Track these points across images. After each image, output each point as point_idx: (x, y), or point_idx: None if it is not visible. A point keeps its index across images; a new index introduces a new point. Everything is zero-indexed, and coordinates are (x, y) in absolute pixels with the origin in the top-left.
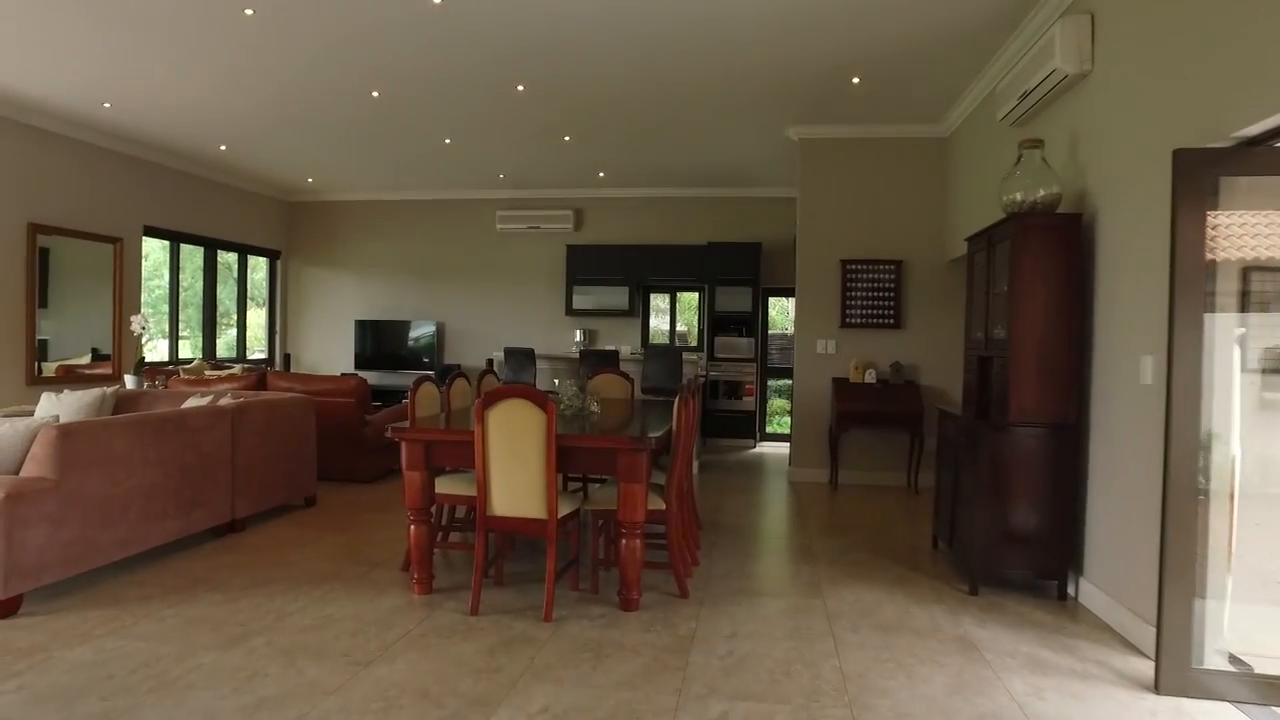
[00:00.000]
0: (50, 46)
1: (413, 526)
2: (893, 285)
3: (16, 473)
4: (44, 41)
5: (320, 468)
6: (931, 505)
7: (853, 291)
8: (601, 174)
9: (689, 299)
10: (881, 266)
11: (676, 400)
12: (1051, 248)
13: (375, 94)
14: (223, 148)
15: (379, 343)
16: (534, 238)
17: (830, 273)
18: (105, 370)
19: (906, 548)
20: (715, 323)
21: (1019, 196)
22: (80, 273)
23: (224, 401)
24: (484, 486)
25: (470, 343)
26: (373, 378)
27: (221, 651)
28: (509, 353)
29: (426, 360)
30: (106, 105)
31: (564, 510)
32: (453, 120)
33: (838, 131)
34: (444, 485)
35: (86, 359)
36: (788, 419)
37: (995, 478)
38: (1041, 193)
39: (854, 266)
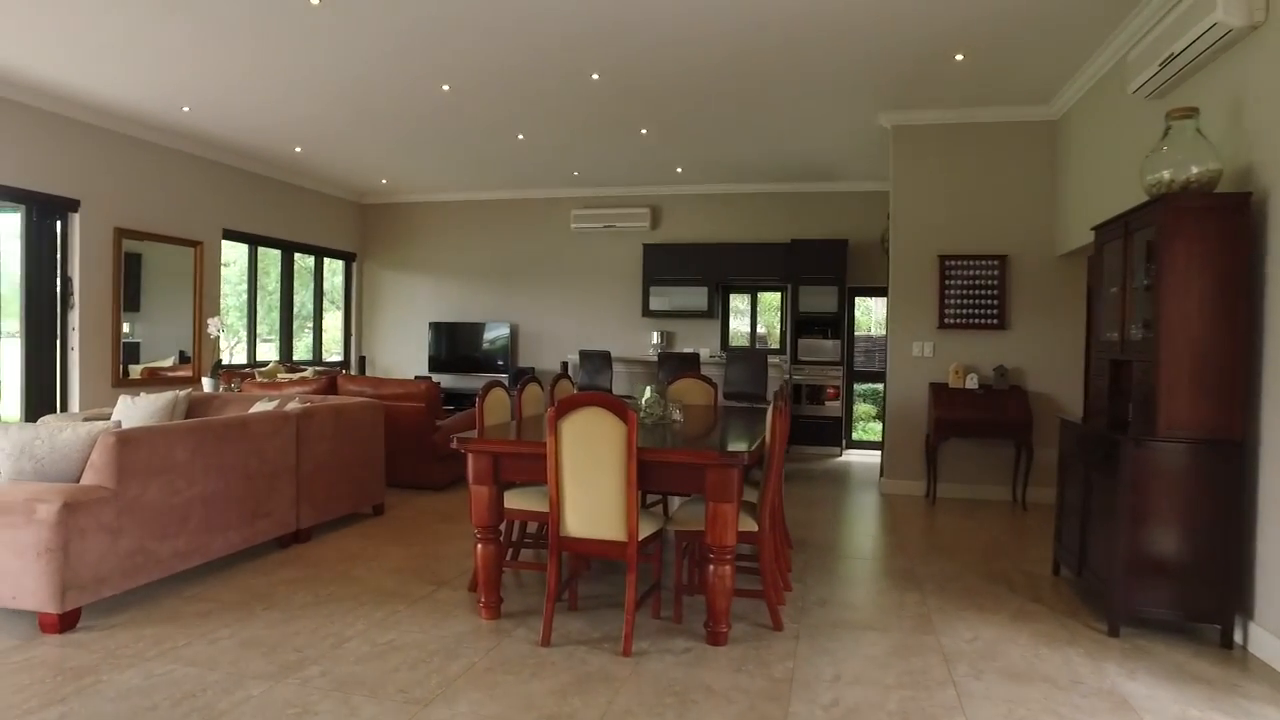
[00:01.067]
0: (131, 50)
1: (480, 546)
2: (996, 282)
3: (78, 481)
4: (125, 46)
5: (390, 474)
6: (1051, 526)
7: (952, 290)
8: (679, 169)
9: (770, 299)
10: (983, 262)
11: (770, 409)
12: (1210, 233)
13: (446, 87)
14: (298, 149)
15: (453, 345)
16: (609, 237)
17: (927, 269)
18: (187, 373)
19: (1023, 574)
20: (798, 324)
21: (1167, 176)
22: (170, 277)
23: (290, 406)
24: (557, 504)
25: (544, 345)
26: (446, 381)
27: (272, 682)
28: (584, 356)
29: (500, 363)
30: (186, 109)
31: (645, 532)
32: (526, 114)
33: (935, 116)
34: (514, 500)
35: (170, 361)
36: (873, 425)
37: (1138, 499)
38: (1195, 170)
39: (953, 263)
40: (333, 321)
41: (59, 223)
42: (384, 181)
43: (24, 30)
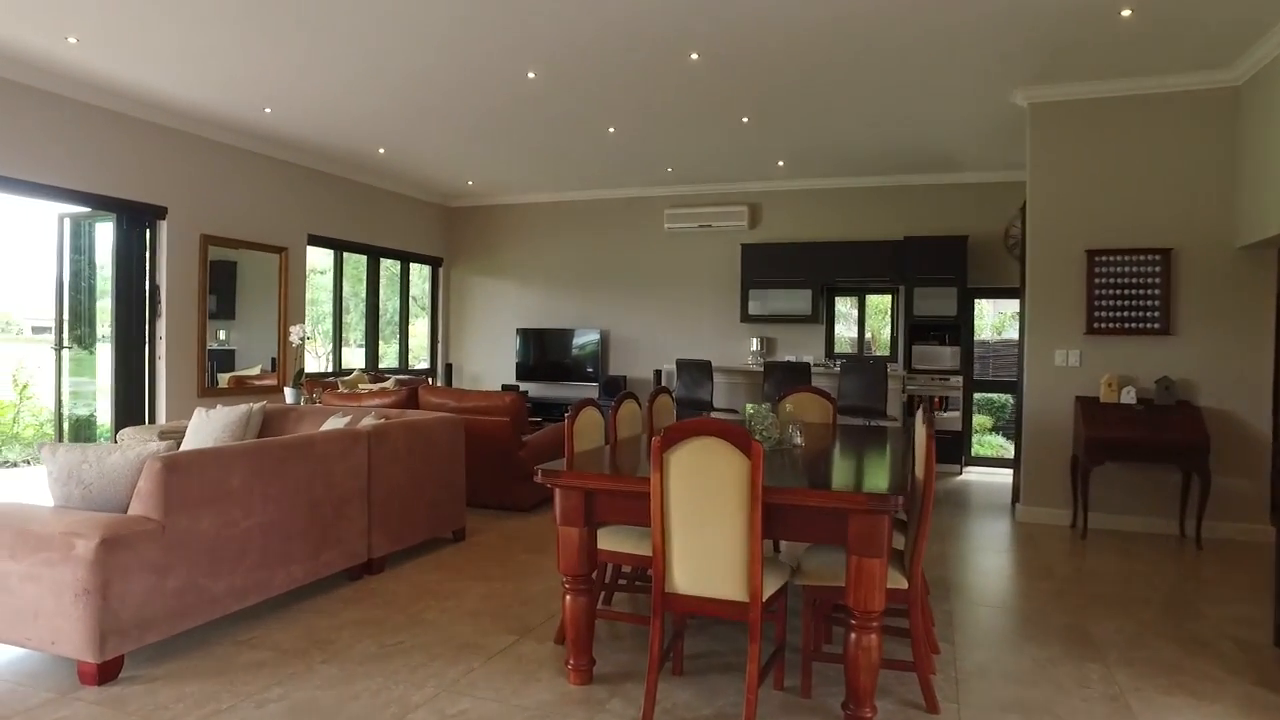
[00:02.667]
0: (211, 51)
1: (569, 598)
2: (1158, 280)
3: (128, 510)
4: (205, 47)
5: (471, 494)
6: (1245, 573)
7: (1102, 289)
8: (781, 163)
9: (878, 302)
10: (1142, 257)
11: (920, 432)
12: None
13: (531, 75)
14: (381, 150)
15: (541, 352)
16: (705, 237)
17: (1071, 267)
18: (272, 381)
19: (1232, 641)
20: (912, 329)
21: None
22: (265, 283)
23: (364, 423)
24: (662, 554)
25: (636, 352)
26: (534, 389)
27: None
28: (682, 365)
29: (590, 370)
30: (267, 110)
31: (770, 589)
32: (617, 104)
33: (1085, 89)
34: (610, 540)
35: (258, 370)
36: (989, 438)
37: None
38: None
39: (1104, 259)
40: (419, 328)
41: (147, 231)
42: (470, 183)
43: (111, 39)
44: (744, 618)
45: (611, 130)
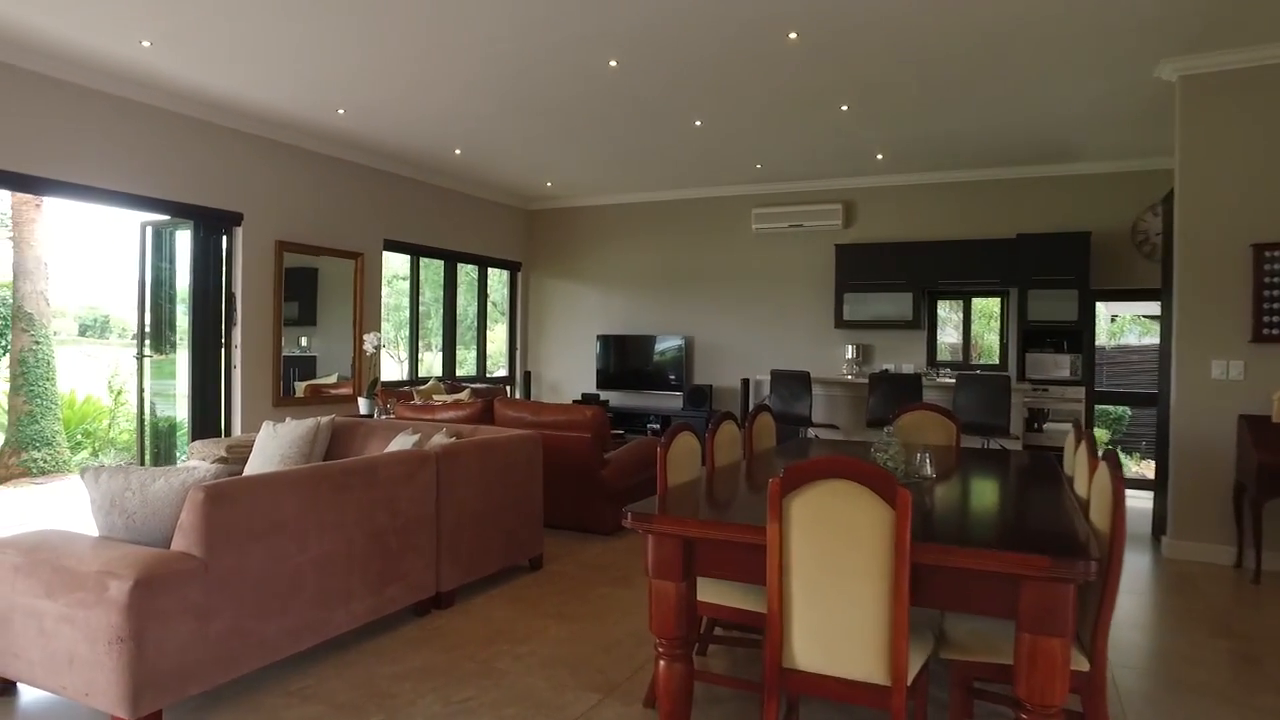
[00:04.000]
0: (283, 51)
1: (662, 664)
2: None
3: (171, 542)
4: (277, 47)
5: (549, 515)
6: None
7: (1275, 290)
8: (880, 156)
9: (985, 306)
10: None
11: (1101, 473)
12: None
13: (613, 63)
14: (457, 151)
15: (621, 359)
16: (796, 238)
17: (1232, 264)
18: (347, 390)
19: None
20: (1026, 335)
21: None
22: (345, 289)
23: (432, 443)
24: (779, 621)
25: (722, 360)
26: (615, 398)
27: None
28: (777, 377)
29: (673, 378)
30: (341, 111)
31: (914, 667)
32: (704, 93)
33: (1247, 57)
34: (710, 588)
35: (333, 379)
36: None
37: None
38: None
39: (1278, 254)
40: (497, 334)
41: (223, 237)
42: (549, 185)
43: (184, 41)
44: (883, 705)
45: (698, 124)
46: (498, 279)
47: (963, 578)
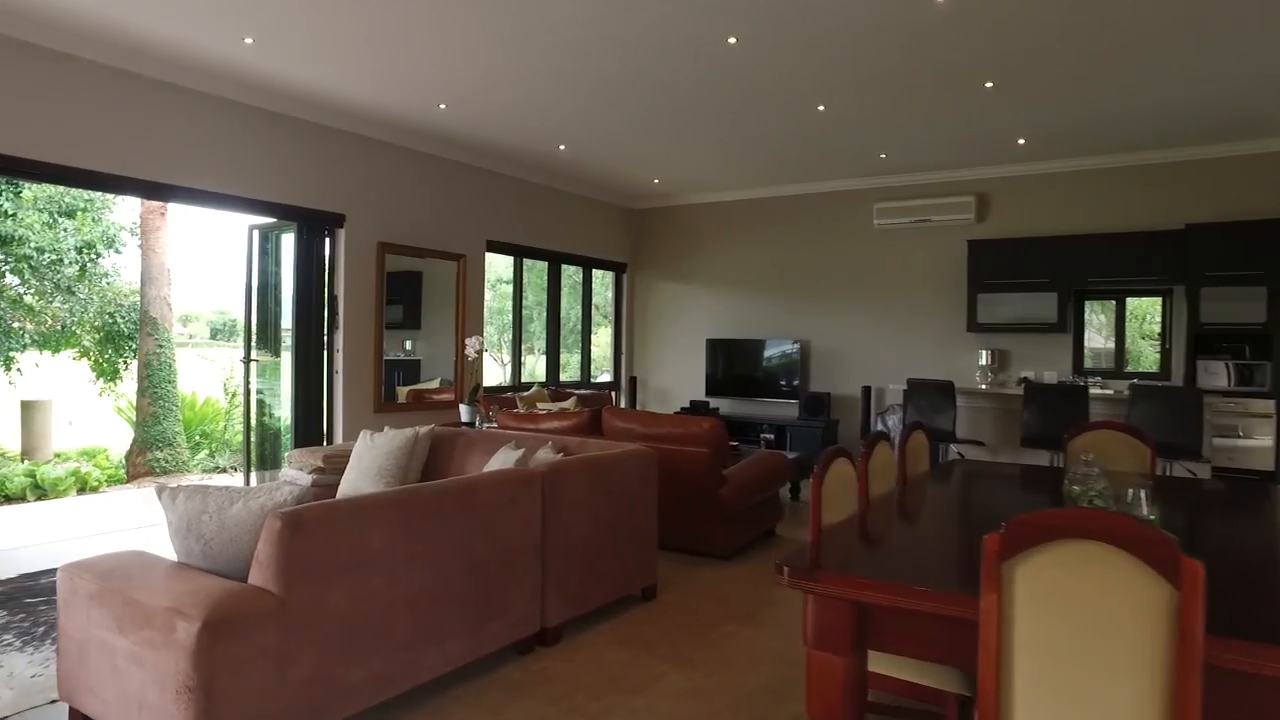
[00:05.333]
0: (383, 45)
1: None
2: None
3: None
4: (377, 40)
5: (661, 535)
6: None
7: None
8: (1021, 141)
9: (1143, 306)
10: None
11: None
12: None
13: (732, 40)
14: (562, 147)
15: (732, 365)
16: (922, 234)
17: None
18: (449, 396)
19: None
20: (1197, 340)
21: None
22: (448, 293)
23: (539, 457)
24: None
25: (840, 366)
26: (725, 405)
27: None
28: (916, 387)
29: (784, 384)
30: (442, 106)
31: None
32: (831, 73)
33: None
34: (882, 660)
35: (435, 384)
36: None
37: None
38: None
39: None
40: (601, 338)
41: (326, 239)
42: (656, 182)
43: (286, 37)
44: None
45: (821, 109)
46: (602, 281)
47: (1266, 686)
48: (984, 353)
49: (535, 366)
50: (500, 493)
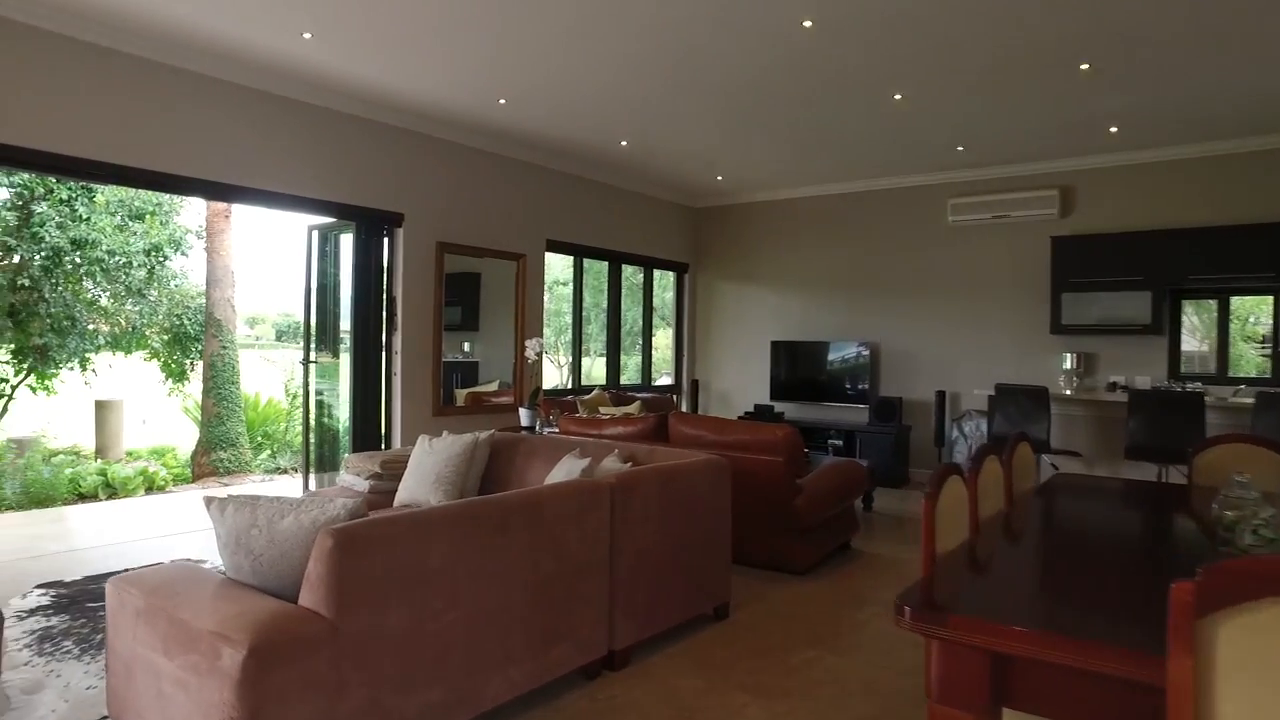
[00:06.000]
0: (443, 38)
1: None
2: None
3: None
4: (437, 34)
5: (732, 550)
6: None
7: None
8: (1113, 129)
9: (1247, 306)
10: None
11: None
12: None
13: (807, 23)
14: (624, 143)
15: (797, 368)
16: (1000, 230)
17: None
18: (508, 399)
19: None
20: None
21: None
22: (506, 293)
23: (605, 466)
24: None
25: (911, 369)
26: (790, 410)
27: None
28: (1004, 392)
29: (849, 388)
30: (502, 101)
31: None
32: (912, 58)
33: None
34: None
35: (494, 386)
36: None
37: None
38: None
39: None
40: (661, 340)
41: (384, 239)
42: (719, 178)
43: (344, 31)
44: None
45: (897, 97)
46: (662, 281)
47: None
48: (1068, 356)
49: (590, 369)
50: (567, 506)
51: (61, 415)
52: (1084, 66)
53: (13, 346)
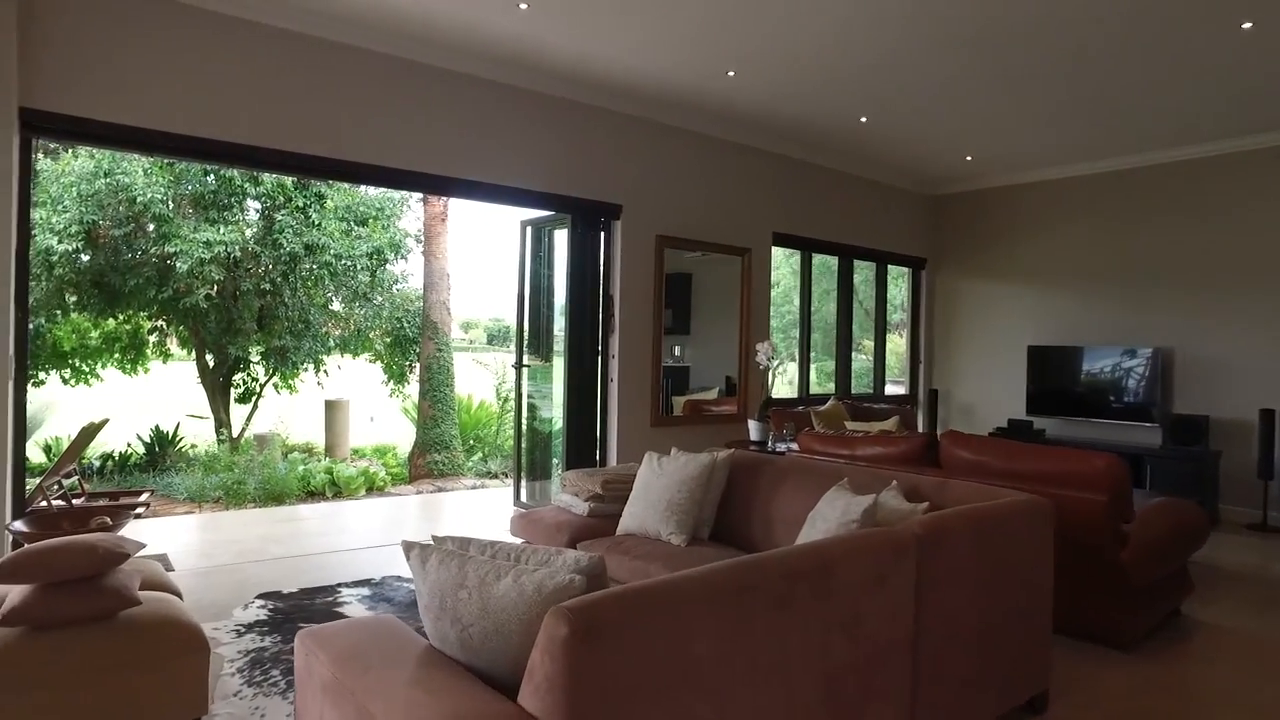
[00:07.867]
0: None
1: None
2: None
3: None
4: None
5: None
6: None
7: None
8: None
9: None
10: None
11: None
12: None
13: None
14: (863, 119)
15: (1059, 377)
16: None
17: None
18: (730, 408)
19: None
20: None
21: None
22: (718, 294)
23: (886, 502)
24: None
25: (1219, 380)
26: (1052, 427)
27: None
28: None
29: (1131, 403)
30: (731, 74)
31: None
32: None
33: None
34: None
35: (714, 393)
36: None
37: None
38: None
39: None
40: (893, 344)
41: (601, 233)
42: (968, 159)
43: (559, 3)
44: None
45: (1246, 26)
46: (896, 278)
47: None
48: None
49: (817, 371)
50: (863, 566)
51: (295, 414)
52: None
53: (261, 349)
